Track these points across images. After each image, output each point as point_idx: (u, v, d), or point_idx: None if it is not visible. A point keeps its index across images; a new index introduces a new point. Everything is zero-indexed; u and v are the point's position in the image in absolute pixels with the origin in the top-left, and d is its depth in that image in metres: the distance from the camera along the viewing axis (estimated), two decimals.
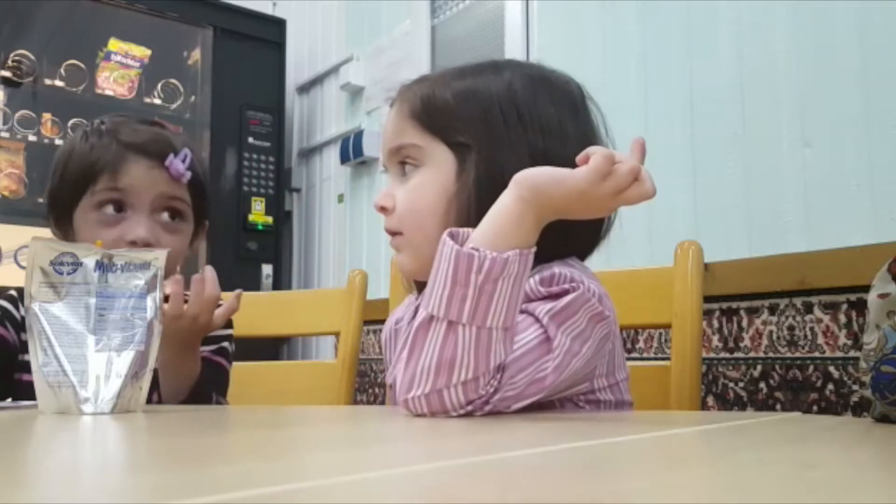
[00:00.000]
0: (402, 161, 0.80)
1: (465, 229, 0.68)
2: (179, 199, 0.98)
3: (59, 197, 0.97)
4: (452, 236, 0.66)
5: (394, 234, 0.81)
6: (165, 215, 0.97)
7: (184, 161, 0.97)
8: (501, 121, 0.76)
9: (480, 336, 0.63)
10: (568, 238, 0.76)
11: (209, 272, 0.92)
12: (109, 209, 0.95)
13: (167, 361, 0.89)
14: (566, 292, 0.69)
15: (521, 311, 0.69)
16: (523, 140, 0.74)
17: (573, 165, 0.67)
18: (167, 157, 0.96)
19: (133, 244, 0.92)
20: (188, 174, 0.97)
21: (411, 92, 0.80)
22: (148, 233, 0.94)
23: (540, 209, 0.67)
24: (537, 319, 0.68)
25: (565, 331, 0.68)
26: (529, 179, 0.67)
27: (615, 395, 0.78)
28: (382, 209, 0.81)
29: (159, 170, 0.96)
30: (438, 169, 0.77)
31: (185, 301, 0.90)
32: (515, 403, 0.66)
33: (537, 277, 0.71)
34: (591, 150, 0.67)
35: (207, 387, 0.96)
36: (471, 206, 0.74)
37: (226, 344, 1.05)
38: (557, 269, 0.72)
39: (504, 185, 0.68)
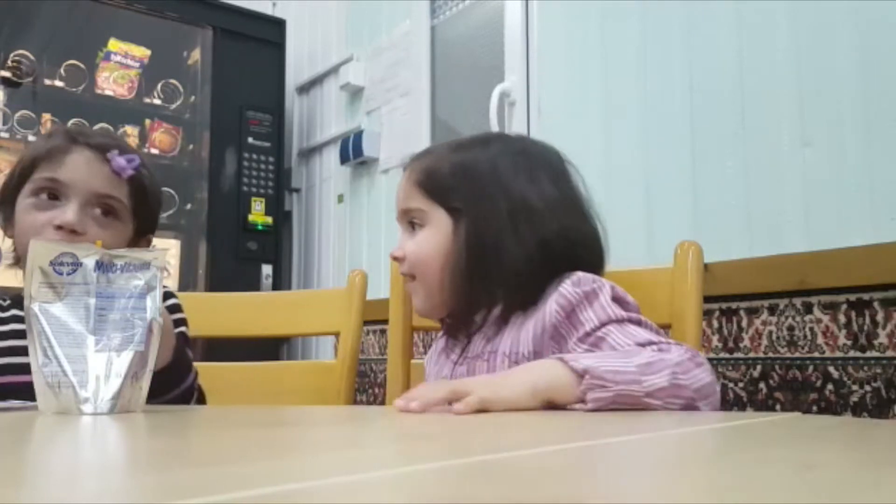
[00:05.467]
0: (411, 221, 0.96)
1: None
2: (115, 198, 0.98)
3: (8, 187, 0.99)
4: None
5: (408, 277, 0.97)
6: (98, 211, 0.97)
7: (130, 162, 0.97)
8: (486, 191, 0.92)
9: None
10: (575, 252, 0.91)
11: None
12: (44, 196, 0.96)
13: None
14: (595, 292, 0.86)
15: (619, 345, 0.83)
16: (503, 207, 0.90)
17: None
18: (108, 151, 0.97)
19: (59, 228, 0.93)
20: (130, 171, 0.97)
21: (418, 164, 0.97)
22: (76, 219, 0.94)
23: None
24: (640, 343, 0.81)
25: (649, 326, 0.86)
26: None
27: None
28: (396, 258, 0.97)
29: (100, 164, 0.97)
30: (438, 228, 0.93)
31: None
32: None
33: (567, 282, 0.86)
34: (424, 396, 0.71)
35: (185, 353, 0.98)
36: (462, 261, 0.91)
37: (183, 328, 1.07)
38: (580, 273, 0.88)
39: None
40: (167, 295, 1.09)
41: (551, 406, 0.73)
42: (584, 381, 0.72)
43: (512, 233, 0.89)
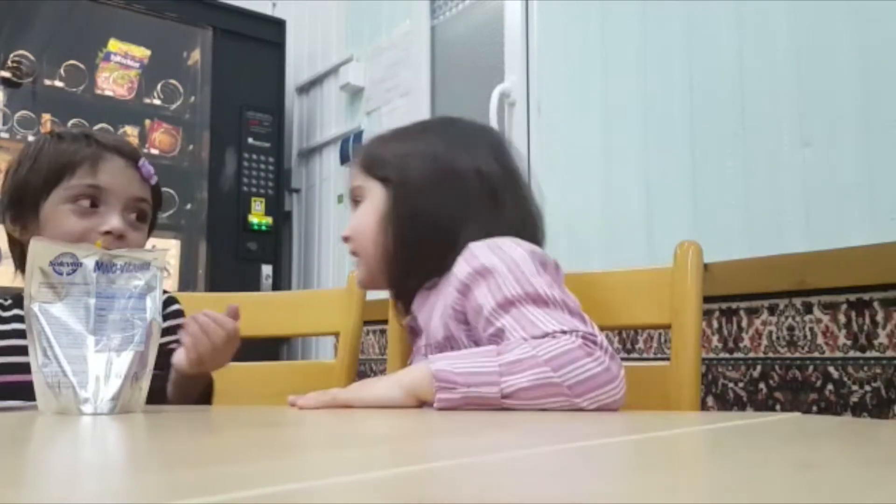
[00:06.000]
0: (355, 199, 1.00)
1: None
2: (146, 201, 1.04)
3: (27, 189, 1.00)
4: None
5: (354, 254, 1.00)
6: (133, 215, 1.02)
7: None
8: (415, 162, 0.95)
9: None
10: (507, 232, 0.90)
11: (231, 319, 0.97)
12: (86, 203, 0.98)
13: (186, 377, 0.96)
14: (488, 270, 0.83)
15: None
16: (430, 177, 0.93)
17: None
18: (139, 159, 1.03)
19: (107, 234, 0.96)
20: (155, 178, 1.04)
21: (363, 149, 1.03)
22: (123, 225, 0.98)
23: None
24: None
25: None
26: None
27: None
28: (345, 239, 0.99)
29: (132, 170, 1.02)
30: (374, 199, 0.96)
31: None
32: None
33: (460, 259, 0.86)
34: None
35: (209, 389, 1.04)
36: (390, 226, 0.93)
37: None
38: (472, 244, 0.87)
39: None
40: (169, 301, 1.10)
41: (425, 403, 0.76)
42: (433, 383, 0.74)
43: (435, 202, 0.92)
